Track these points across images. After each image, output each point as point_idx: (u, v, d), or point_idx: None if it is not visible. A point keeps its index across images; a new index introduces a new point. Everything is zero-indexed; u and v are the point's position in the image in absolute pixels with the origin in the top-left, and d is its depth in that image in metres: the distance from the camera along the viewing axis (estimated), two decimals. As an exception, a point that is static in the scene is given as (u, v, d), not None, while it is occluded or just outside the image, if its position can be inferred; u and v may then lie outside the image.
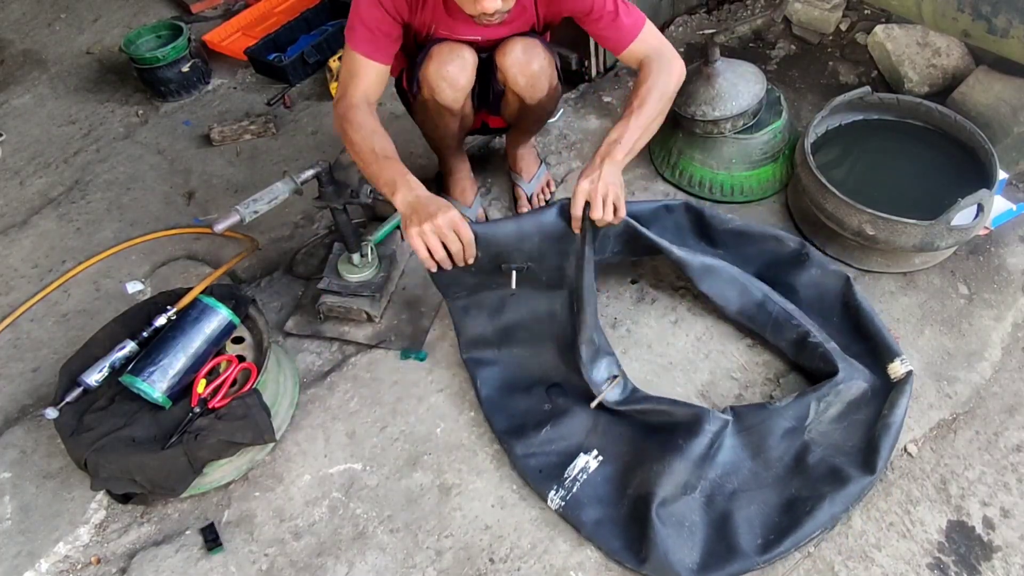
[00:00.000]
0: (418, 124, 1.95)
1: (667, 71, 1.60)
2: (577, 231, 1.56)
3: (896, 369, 1.58)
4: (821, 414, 1.55)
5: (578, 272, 1.61)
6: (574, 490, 1.51)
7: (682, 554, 1.39)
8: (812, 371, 1.65)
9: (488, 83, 1.80)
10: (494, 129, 2.11)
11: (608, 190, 1.49)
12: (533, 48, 1.69)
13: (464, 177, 2.10)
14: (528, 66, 1.70)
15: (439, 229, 1.41)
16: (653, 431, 1.56)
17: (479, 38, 1.69)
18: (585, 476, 1.53)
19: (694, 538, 1.42)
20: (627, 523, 1.46)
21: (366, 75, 1.59)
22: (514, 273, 1.58)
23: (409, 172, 1.48)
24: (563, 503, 1.50)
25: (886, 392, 1.57)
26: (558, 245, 1.60)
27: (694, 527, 1.43)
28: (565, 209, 1.56)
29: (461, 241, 1.45)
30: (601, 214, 1.49)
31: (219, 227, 1.49)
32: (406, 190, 1.44)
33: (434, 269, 1.48)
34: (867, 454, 1.48)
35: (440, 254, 1.44)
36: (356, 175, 1.79)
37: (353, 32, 1.59)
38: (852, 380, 1.57)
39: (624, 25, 1.63)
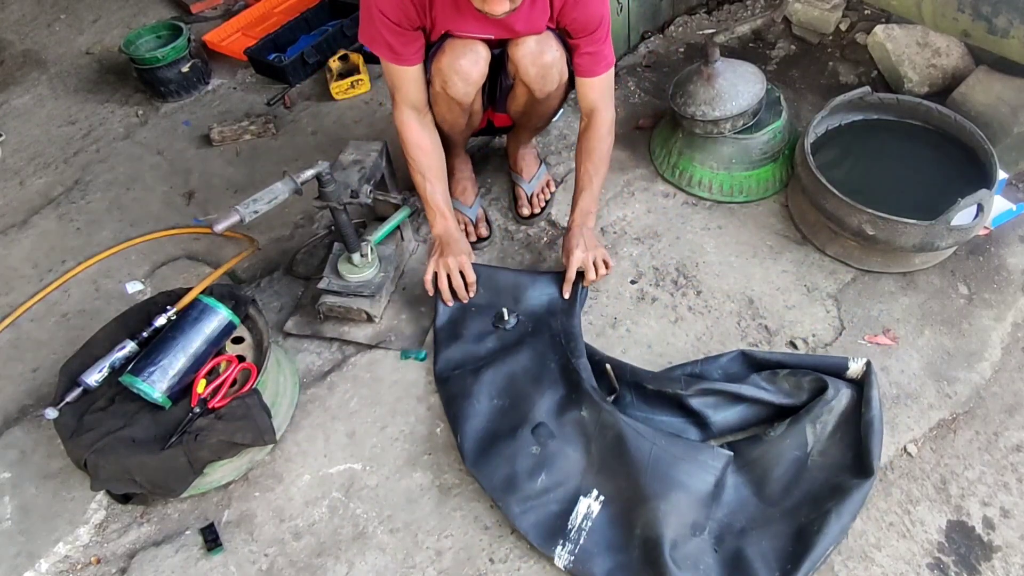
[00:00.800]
0: None
1: (610, 132, 1.81)
2: (567, 295, 1.80)
3: (855, 369, 1.57)
4: (820, 435, 1.51)
5: (567, 320, 1.77)
6: (581, 541, 1.42)
7: None
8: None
9: (497, 79, 1.81)
10: (498, 128, 2.11)
11: (597, 253, 1.78)
12: (547, 40, 1.70)
13: (465, 177, 2.10)
14: (540, 57, 1.70)
15: (448, 267, 1.78)
16: (653, 465, 1.45)
17: (491, 36, 1.70)
18: (590, 523, 1.44)
19: None
20: (640, 569, 1.38)
21: (403, 82, 1.74)
22: (505, 312, 1.80)
23: (447, 201, 1.83)
24: (572, 558, 1.40)
25: (859, 394, 1.55)
26: (547, 303, 1.83)
27: (709, 569, 1.37)
28: (558, 278, 1.82)
29: (464, 279, 1.79)
30: (595, 276, 1.77)
31: (219, 227, 1.49)
32: (441, 223, 1.81)
33: (436, 296, 1.81)
34: (861, 459, 1.47)
35: (445, 288, 1.78)
36: (356, 175, 1.79)
37: (379, 45, 1.67)
38: (840, 392, 1.53)
39: (605, 55, 1.74)
